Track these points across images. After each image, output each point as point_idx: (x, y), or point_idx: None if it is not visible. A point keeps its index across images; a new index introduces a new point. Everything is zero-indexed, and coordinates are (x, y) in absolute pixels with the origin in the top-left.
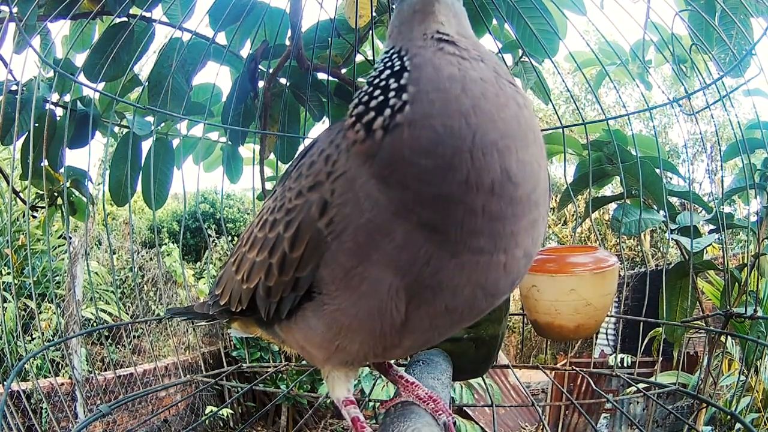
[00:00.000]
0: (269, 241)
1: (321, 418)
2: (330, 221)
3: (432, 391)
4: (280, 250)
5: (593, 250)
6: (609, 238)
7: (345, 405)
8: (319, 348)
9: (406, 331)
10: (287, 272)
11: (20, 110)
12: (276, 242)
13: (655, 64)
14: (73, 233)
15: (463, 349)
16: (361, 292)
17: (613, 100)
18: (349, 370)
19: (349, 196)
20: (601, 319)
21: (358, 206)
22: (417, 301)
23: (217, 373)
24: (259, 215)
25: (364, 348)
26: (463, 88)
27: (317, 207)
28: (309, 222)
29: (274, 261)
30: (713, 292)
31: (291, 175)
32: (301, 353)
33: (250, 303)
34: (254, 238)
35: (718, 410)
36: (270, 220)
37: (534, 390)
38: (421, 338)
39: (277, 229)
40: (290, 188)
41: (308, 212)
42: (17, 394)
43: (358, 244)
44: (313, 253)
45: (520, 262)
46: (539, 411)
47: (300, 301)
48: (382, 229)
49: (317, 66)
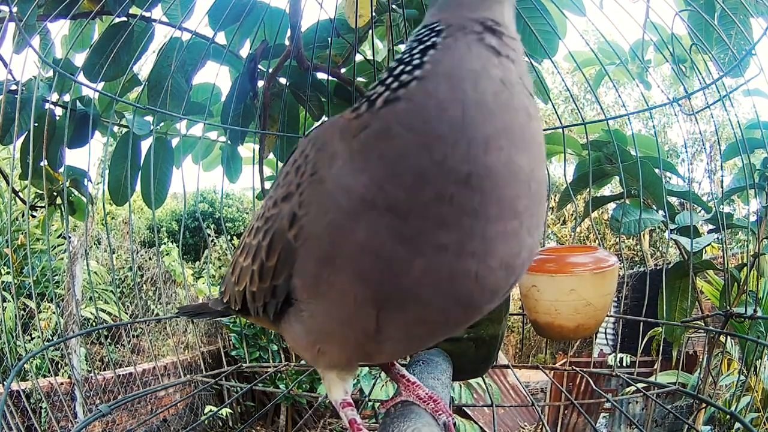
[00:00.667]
0: (252, 247)
1: (320, 417)
2: (298, 232)
3: (432, 391)
4: (259, 258)
5: (593, 250)
6: (608, 238)
7: (342, 407)
8: (304, 351)
9: (383, 339)
10: (265, 280)
11: (20, 110)
12: (257, 250)
13: (654, 64)
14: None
15: (463, 349)
16: (329, 300)
17: (613, 100)
18: (343, 371)
19: (314, 198)
20: (601, 319)
21: (323, 206)
22: (387, 310)
23: (217, 374)
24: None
25: (344, 353)
26: (476, 82)
27: (288, 218)
28: (280, 232)
29: (255, 268)
30: (712, 291)
31: (277, 180)
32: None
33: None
34: (244, 243)
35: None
36: (255, 227)
37: (533, 389)
38: (401, 346)
39: (258, 237)
40: (270, 197)
41: (280, 223)
42: (17, 393)
43: (322, 250)
44: (285, 263)
45: (496, 274)
46: (539, 411)
47: (282, 307)
48: (345, 228)
49: (317, 66)
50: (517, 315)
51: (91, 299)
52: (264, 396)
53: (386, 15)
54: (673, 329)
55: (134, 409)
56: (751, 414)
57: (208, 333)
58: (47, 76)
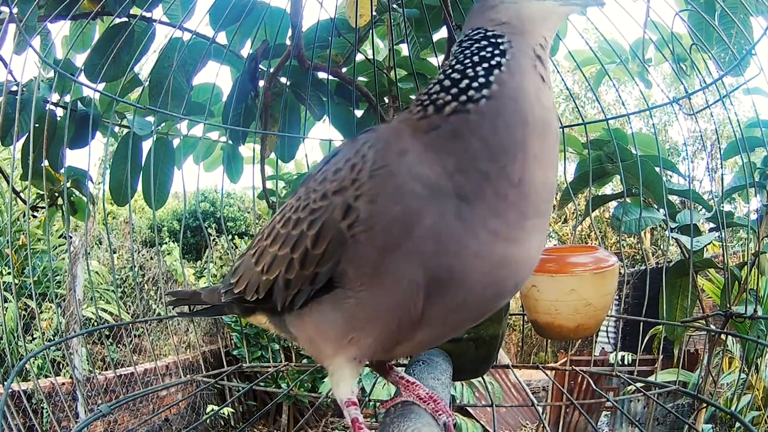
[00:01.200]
0: (292, 237)
1: (322, 416)
2: (354, 222)
3: (432, 391)
4: (302, 246)
5: (593, 250)
6: (609, 236)
7: (347, 405)
8: (330, 341)
9: (421, 327)
10: (308, 267)
11: (20, 111)
12: (299, 239)
13: (654, 63)
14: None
15: (463, 349)
16: (385, 287)
17: (613, 98)
18: (353, 367)
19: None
20: (601, 318)
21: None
22: (435, 295)
23: (218, 373)
24: (281, 212)
25: (376, 342)
26: (533, 107)
27: (341, 209)
28: (332, 222)
29: (296, 256)
30: (713, 289)
31: (315, 177)
32: (308, 347)
33: (268, 293)
34: (276, 234)
35: None
36: (294, 219)
37: (534, 388)
38: (431, 334)
39: (301, 227)
40: (315, 190)
41: (332, 213)
42: (18, 394)
43: (389, 236)
44: (335, 251)
45: (525, 265)
46: (539, 411)
47: (316, 295)
48: (416, 212)
49: (318, 65)
50: (517, 315)
51: (92, 299)
52: (266, 395)
53: (387, 14)
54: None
55: (136, 409)
56: (752, 413)
57: (209, 332)
58: (48, 77)
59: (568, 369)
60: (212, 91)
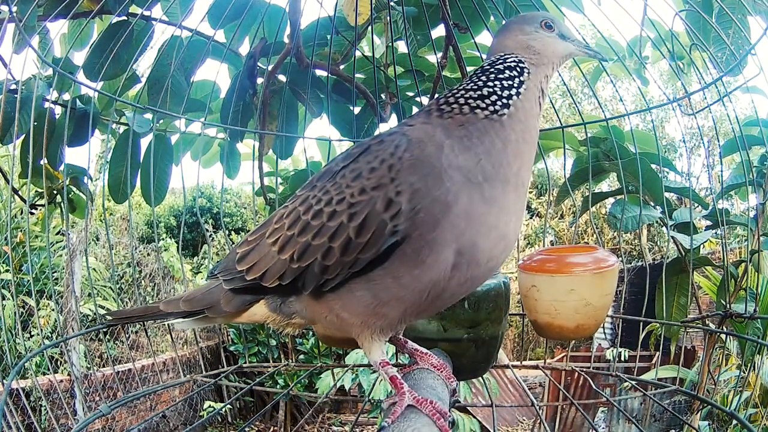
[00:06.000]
0: (328, 228)
1: (318, 412)
2: (396, 213)
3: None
4: (343, 236)
5: (593, 250)
6: (606, 232)
7: (382, 366)
8: (358, 315)
9: (441, 297)
10: (350, 254)
11: (20, 109)
12: (338, 229)
13: (652, 60)
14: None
15: (463, 349)
16: (426, 265)
17: (610, 94)
18: (382, 335)
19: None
20: (601, 318)
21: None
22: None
23: (218, 373)
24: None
25: (402, 314)
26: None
27: (382, 202)
28: (375, 214)
29: (335, 245)
30: (710, 286)
31: (344, 174)
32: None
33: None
34: (306, 225)
35: None
36: (327, 211)
37: (531, 384)
38: (441, 304)
39: (340, 219)
40: (348, 185)
41: (374, 206)
42: (16, 392)
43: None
44: (378, 239)
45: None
46: (536, 409)
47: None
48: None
49: (316, 63)
50: (517, 315)
51: (90, 295)
52: (263, 391)
53: (385, 12)
54: None
55: (133, 406)
56: (750, 410)
57: (206, 329)
58: (47, 75)
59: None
60: (212, 89)
